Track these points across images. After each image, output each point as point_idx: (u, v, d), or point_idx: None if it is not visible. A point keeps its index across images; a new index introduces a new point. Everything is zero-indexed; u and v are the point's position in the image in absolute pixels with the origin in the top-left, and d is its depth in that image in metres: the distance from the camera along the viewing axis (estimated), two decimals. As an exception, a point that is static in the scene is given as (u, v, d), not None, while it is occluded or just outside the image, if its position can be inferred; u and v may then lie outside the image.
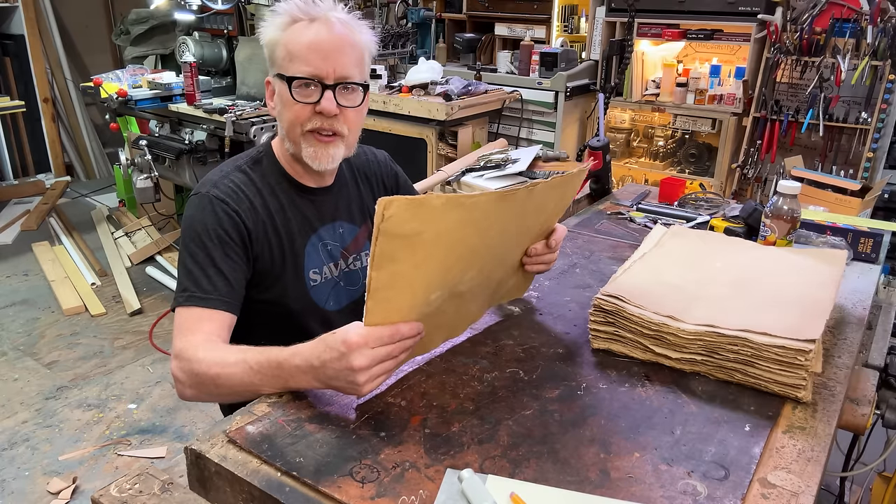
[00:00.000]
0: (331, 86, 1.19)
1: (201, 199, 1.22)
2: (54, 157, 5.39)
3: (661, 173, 3.29)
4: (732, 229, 1.53)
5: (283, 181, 1.31)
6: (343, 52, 1.20)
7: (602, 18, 3.44)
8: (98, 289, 3.68)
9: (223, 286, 1.17)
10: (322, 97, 1.19)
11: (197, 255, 1.18)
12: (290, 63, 1.19)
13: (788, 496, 0.81)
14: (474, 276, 1.03)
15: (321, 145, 1.23)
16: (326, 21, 1.20)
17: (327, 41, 1.19)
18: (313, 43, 1.18)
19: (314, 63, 1.18)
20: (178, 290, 1.17)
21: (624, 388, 1.03)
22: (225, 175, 1.27)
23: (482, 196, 0.90)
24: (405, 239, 0.83)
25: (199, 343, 1.08)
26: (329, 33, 1.19)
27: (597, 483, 0.83)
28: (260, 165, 1.31)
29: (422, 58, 3.76)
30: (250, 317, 1.25)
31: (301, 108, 1.20)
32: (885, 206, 2.75)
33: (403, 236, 0.82)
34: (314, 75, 1.19)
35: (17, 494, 2.23)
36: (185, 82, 3.47)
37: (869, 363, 1.26)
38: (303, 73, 1.18)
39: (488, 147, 3.29)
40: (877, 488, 1.72)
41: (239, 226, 1.21)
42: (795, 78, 3.03)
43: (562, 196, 1.17)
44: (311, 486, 0.81)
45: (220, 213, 1.20)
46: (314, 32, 1.19)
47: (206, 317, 1.14)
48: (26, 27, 5.02)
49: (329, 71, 1.19)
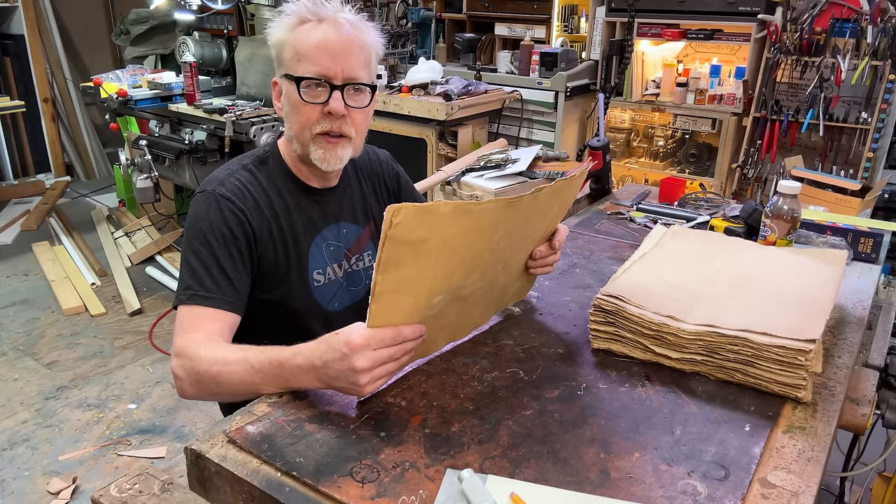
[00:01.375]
0: (339, 86, 1.20)
1: (207, 197, 1.22)
2: (54, 157, 5.39)
3: (661, 173, 3.29)
4: (732, 229, 1.53)
5: (290, 182, 1.31)
6: (351, 53, 1.20)
7: (602, 18, 3.44)
8: (98, 289, 3.68)
9: (226, 285, 1.16)
10: (330, 97, 1.19)
11: (201, 253, 1.18)
12: (299, 63, 1.19)
13: (788, 496, 0.81)
14: (478, 280, 1.03)
15: (330, 147, 1.23)
16: (335, 22, 1.20)
17: (336, 42, 1.19)
18: (322, 43, 1.18)
19: (323, 63, 1.18)
20: (180, 287, 1.17)
21: (624, 388, 1.03)
22: (231, 174, 1.26)
23: (490, 203, 0.90)
24: (412, 245, 0.83)
25: (200, 341, 1.08)
26: (337, 34, 1.19)
27: (597, 483, 0.83)
28: (266, 165, 1.31)
29: (422, 58, 3.76)
30: (253, 316, 1.25)
31: (310, 109, 1.20)
32: (885, 206, 2.75)
33: (410, 243, 0.83)
34: (322, 75, 1.19)
35: (17, 494, 2.23)
36: (185, 82, 3.47)
37: (869, 363, 1.26)
38: (311, 72, 1.18)
39: (488, 147, 3.29)
40: (877, 488, 1.72)
41: (244, 225, 1.21)
42: (795, 78, 3.03)
43: (563, 199, 1.17)
44: (311, 486, 0.81)
45: (226, 212, 1.20)
46: (322, 33, 1.19)
47: (209, 316, 1.14)
48: (26, 27, 5.02)
49: (337, 71, 1.19)
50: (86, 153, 5.60)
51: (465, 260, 0.95)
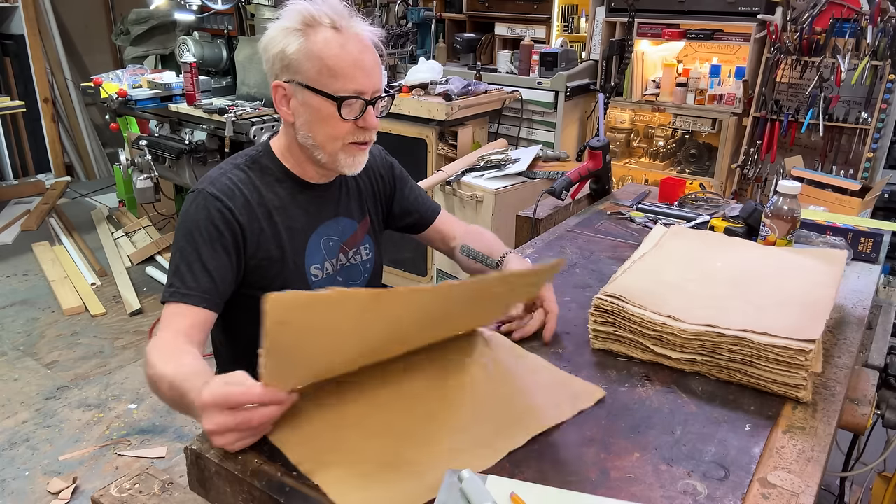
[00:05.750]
0: (372, 101, 1.22)
1: (196, 196, 1.24)
2: (54, 157, 5.38)
3: (661, 173, 3.29)
4: (732, 229, 1.53)
5: (286, 178, 1.31)
6: (378, 66, 1.24)
7: (602, 18, 3.44)
8: (98, 289, 3.68)
9: (206, 282, 1.17)
10: (366, 112, 1.22)
11: (185, 250, 1.19)
12: (334, 80, 1.19)
13: (788, 496, 0.81)
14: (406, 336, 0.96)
15: (360, 153, 1.27)
16: (358, 37, 1.21)
17: (369, 59, 1.22)
18: (358, 61, 1.20)
19: (360, 81, 1.20)
20: (165, 285, 1.19)
21: (624, 388, 1.03)
22: (223, 173, 1.28)
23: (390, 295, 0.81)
24: (292, 336, 0.79)
25: (164, 341, 1.08)
26: (367, 50, 1.22)
27: (597, 483, 0.83)
28: (258, 164, 1.31)
29: (422, 58, 3.76)
30: (251, 311, 1.25)
31: (345, 124, 1.22)
32: (885, 206, 2.75)
33: (289, 333, 0.78)
34: (360, 92, 1.20)
35: (17, 494, 2.23)
36: (185, 82, 3.46)
37: (869, 363, 1.26)
38: (351, 91, 1.20)
39: (488, 147, 3.29)
40: (877, 488, 1.72)
41: (231, 223, 1.22)
42: (795, 78, 3.03)
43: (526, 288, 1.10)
44: (311, 486, 0.81)
45: (213, 210, 1.21)
46: (354, 49, 1.20)
47: (181, 312, 1.14)
48: (26, 27, 5.02)
49: (370, 86, 1.21)
50: (86, 153, 5.60)
51: (369, 335, 0.87)
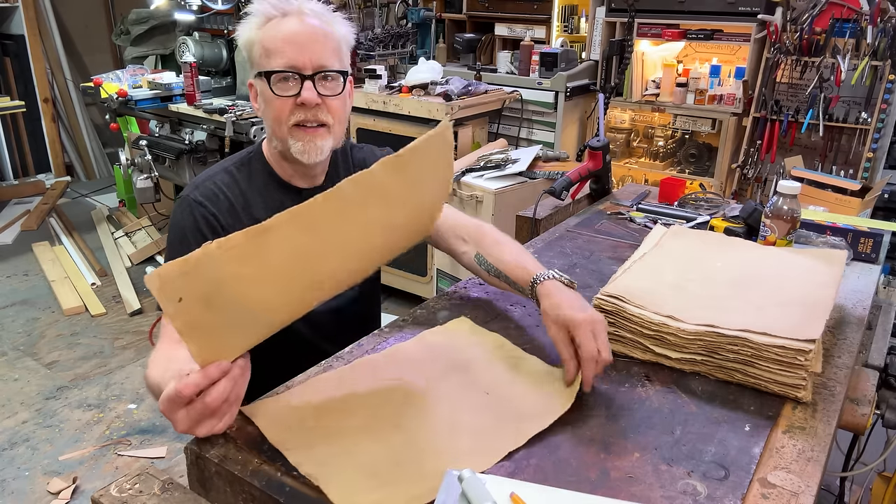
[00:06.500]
0: (309, 76, 1.19)
1: (181, 203, 1.24)
2: (54, 157, 5.39)
3: (661, 173, 3.29)
4: (732, 229, 1.53)
5: (272, 182, 1.31)
6: (318, 42, 1.20)
7: (602, 18, 3.44)
8: (98, 289, 3.68)
9: None
10: (302, 88, 1.19)
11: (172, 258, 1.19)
12: (268, 59, 1.20)
13: (788, 496, 0.81)
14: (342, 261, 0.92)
15: (308, 137, 1.22)
16: (300, 13, 1.21)
17: (302, 33, 1.19)
18: (288, 36, 1.19)
19: (290, 55, 1.18)
20: None
21: (624, 388, 1.03)
22: (209, 178, 1.28)
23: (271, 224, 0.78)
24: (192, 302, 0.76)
25: (159, 349, 1.07)
26: (302, 25, 1.20)
27: (597, 483, 0.83)
28: (248, 167, 1.31)
29: (422, 58, 3.76)
30: None
31: (282, 102, 1.20)
32: (885, 206, 2.75)
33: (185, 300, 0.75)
34: (291, 66, 1.19)
35: (17, 494, 2.23)
36: (185, 82, 3.47)
37: (869, 363, 1.26)
38: (280, 65, 1.18)
39: (488, 147, 3.29)
40: (877, 488, 1.72)
41: (216, 228, 1.22)
42: (795, 78, 3.03)
43: (427, 163, 0.98)
44: (311, 487, 0.81)
45: (197, 217, 1.22)
46: (288, 26, 1.20)
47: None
48: (26, 27, 5.02)
49: (306, 61, 1.19)
50: (86, 153, 5.60)
51: (287, 274, 0.83)
